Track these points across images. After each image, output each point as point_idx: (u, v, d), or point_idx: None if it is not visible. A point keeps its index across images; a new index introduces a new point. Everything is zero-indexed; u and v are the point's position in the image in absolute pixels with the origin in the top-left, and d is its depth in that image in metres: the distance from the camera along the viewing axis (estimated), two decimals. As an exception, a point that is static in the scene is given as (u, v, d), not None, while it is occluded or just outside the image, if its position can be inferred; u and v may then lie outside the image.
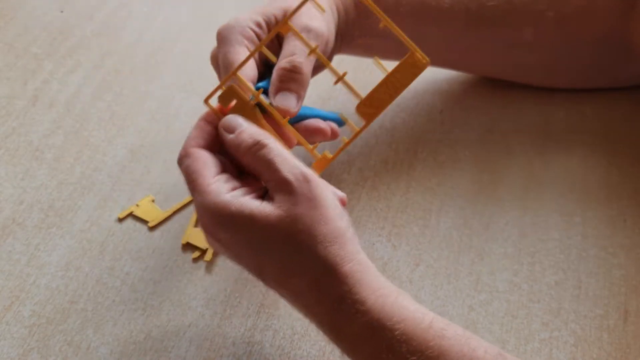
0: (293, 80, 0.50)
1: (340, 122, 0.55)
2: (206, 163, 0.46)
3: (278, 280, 0.45)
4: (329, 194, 0.45)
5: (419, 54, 0.49)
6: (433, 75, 0.69)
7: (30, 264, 0.57)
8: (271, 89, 0.50)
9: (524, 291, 0.54)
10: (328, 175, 0.62)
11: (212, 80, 0.54)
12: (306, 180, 0.44)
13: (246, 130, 0.47)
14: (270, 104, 0.49)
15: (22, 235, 0.59)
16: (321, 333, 0.45)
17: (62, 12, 0.80)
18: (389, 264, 0.56)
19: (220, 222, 0.44)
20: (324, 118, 0.54)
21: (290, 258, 0.43)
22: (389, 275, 0.55)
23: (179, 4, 0.81)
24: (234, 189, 0.45)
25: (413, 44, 0.49)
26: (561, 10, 0.61)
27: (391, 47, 0.56)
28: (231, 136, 0.47)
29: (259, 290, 0.55)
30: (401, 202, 0.60)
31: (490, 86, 0.69)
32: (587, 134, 0.64)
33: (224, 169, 0.47)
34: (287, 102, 0.49)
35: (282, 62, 0.50)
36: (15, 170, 0.64)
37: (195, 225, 0.59)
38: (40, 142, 0.66)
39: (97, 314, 0.54)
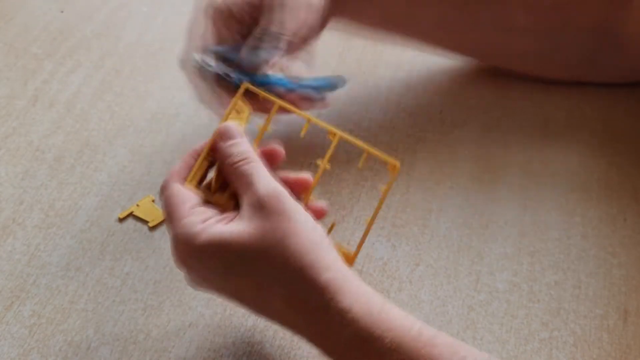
0: (263, 41, 0.52)
1: (335, 86, 0.56)
2: (183, 198, 0.46)
3: (257, 302, 0.45)
4: (299, 208, 0.45)
5: (391, 160, 0.50)
6: (433, 75, 0.69)
7: (31, 264, 0.57)
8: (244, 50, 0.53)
9: (523, 291, 0.54)
10: (328, 175, 0.62)
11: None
12: (276, 195, 0.44)
13: (239, 144, 0.48)
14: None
15: (23, 235, 0.59)
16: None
17: (62, 12, 0.80)
18: (388, 264, 0.56)
19: (192, 253, 0.44)
20: (316, 88, 0.55)
21: (265, 275, 0.43)
22: (388, 275, 0.55)
23: (179, 4, 0.81)
24: (206, 219, 0.45)
25: (382, 153, 0.50)
26: None
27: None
28: (223, 144, 0.48)
29: (259, 290, 0.55)
30: (401, 202, 0.60)
31: (490, 86, 0.69)
32: (587, 133, 0.64)
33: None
34: (254, 57, 0.52)
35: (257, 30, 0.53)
36: (16, 170, 0.64)
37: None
38: (41, 142, 0.66)
39: (97, 314, 0.54)
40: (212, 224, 0.44)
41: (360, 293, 0.43)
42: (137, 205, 0.61)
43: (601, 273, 0.55)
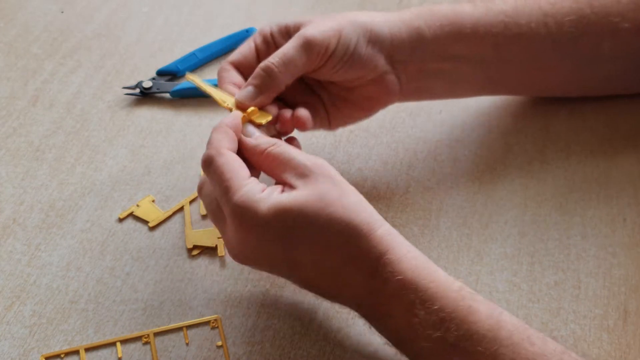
0: (258, 77, 0.53)
1: None
2: (240, 165, 0.48)
3: (315, 265, 0.47)
4: (338, 173, 0.48)
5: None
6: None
7: (31, 264, 0.57)
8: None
9: (523, 291, 0.54)
10: (328, 175, 0.62)
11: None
12: (319, 162, 0.48)
13: (261, 135, 0.52)
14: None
15: (23, 236, 0.59)
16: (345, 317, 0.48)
17: (62, 12, 0.80)
18: (388, 264, 0.56)
19: (256, 222, 0.46)
20: None
21: (326, 233, 0.45)
22: (388, 275, 0.55)
23: (179, 4, 0.81)
24: (264, 190, 0.47)
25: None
26: (635, 20, 0.60)
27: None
28: (250, 139, 0.51)
29: (259, 290, 0.55)
30: (401, 202, 0.60)
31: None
32: (587, 133, 0.64)
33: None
34: (243, 94, 0.53)
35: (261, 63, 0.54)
36: (16, 171, 0.64)
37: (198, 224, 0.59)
38: (41, 143, 0.66)
39: (97, 314, 0.54)
40: (270, 193, 0.47)
41: (408, 248, 0.47)
42: (137, 205, 0.61)
43: (601, 273, 0.55)
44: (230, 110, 0.53)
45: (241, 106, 0.53)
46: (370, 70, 0.56)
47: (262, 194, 0.47)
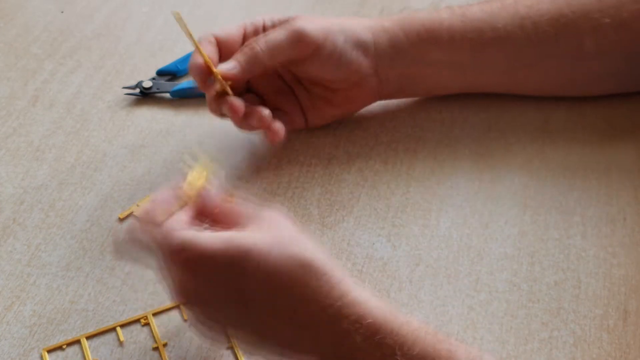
0: (243, 54, 0.56)
1: None
2: (172, 224, 0.44)
3: (268, 305, 0.42)
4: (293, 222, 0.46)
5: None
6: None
7: (31, 264, 0.57)
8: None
9: (523, 291, 0.54)
10: (328, 175, 0.62)
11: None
12: (273, 210, 0.46)
13: (209, 197, 0.47)
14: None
15: (23, 236, 0.59)
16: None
17: (62, 12, 0.80)
18: (388, 264, 0.56)
19: (199, 252, 0.42)
20: None
21: (279, 268, 0.42)
22: (388, 275, 0.55)
23: (179, 4, 0.81)
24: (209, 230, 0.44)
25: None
26: (617, 16, 0.60)
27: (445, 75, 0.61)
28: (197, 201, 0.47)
29: (259, 290, 0.55)
30: (401, 202, 0.60)
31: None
32: (587, 132, 0.64)
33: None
34: (226, 64, 0.56)
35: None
36: (16, 171, 0.64)
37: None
38: (41, 142, 0.66)
39: (97, 314, 0.54)
40: (220, 232, 0.43)
41: (371, 292, 0.43)
42: (137, 205, 0.61)
43: (601, 273, 0.55)
44: (206, 63, 0.55)
45: (224, 76, 0.55)
46: (354, 73, 0.59)
47: (205, 231, 0.43)
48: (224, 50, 0.58)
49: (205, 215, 0.46)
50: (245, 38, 0.58)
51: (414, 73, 0.62)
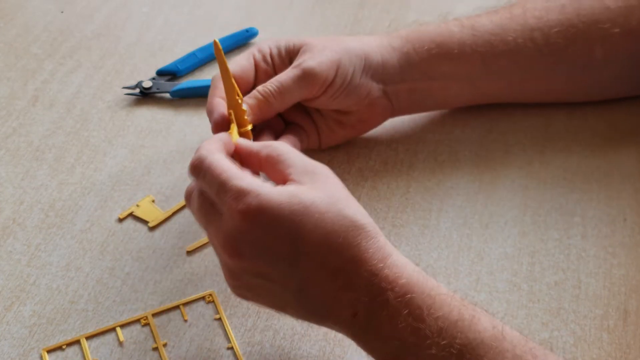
0: (254, 99, 0.55)
1: None
2: (230, 165, 0.46)
3: (317, 261, 0.44)
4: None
5: None
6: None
7: (31, 264, 0.57)
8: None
9: (523, 291, 0.54)
10: (328, 175, 0.62)
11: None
12: (322, 166, 0.47)
13: (256, 142, 0.50)
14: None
15: (23, 236, 0.59)
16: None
17: (62, 12, 0.80)
18: (388, 264, 0.56)
19: (265, 204, 0.43)
20: None
21: (335, 227, 0.44)
22: (388, 275, 0.55)
23: (179, 4, 0.81)
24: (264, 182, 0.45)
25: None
26: (625, 24, 0.60)
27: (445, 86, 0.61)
28: (247, 143, 0.50)
29: (259, 290, 0.55)
30: (401, 202, 0.60)
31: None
32: (588, 135, 0.64)
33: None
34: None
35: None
36: (16, 171, 0.64)
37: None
38: (41, 143, 0.66)
39: (97, 314, 0.54)
40: (282, 186, 0.45)
41: (406, 258, 0.46)
42: (137, 205, 0.61)
43: (601, 273, 0.55)
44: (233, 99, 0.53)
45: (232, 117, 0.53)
46: (364, 97, 0.60)
47: (267, 183, 0.45)
48: (240, 85, 0.56)
49: (250, 165, 0.49)
50: (256, 68, 0.57)
51: (423, 87, 0.62)
